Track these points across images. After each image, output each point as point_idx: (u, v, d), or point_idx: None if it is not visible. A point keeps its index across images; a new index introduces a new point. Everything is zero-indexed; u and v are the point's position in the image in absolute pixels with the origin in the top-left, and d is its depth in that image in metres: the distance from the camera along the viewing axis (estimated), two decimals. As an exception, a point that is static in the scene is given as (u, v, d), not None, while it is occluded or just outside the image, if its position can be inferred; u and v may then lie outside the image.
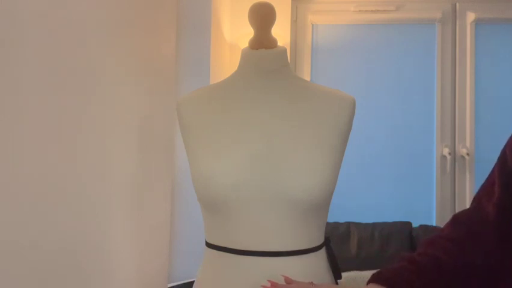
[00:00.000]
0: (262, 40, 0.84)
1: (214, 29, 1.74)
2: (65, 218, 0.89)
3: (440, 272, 0.65)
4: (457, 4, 2.29)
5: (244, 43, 0.89)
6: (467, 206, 2.11)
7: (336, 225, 2.03)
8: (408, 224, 2.03)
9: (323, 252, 0.82)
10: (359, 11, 2.29)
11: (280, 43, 0.89)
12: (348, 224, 2.03)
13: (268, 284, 0.68)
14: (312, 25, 2.34)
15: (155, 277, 1.42)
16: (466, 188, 2.21)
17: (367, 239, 1.95)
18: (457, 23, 2.29)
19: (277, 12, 0.86)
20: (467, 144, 2.24)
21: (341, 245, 1.93)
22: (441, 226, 2.51)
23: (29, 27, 0.76)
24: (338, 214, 2.10)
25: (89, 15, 0.97)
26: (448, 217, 2.20)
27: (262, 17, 0.83)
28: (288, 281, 0.69)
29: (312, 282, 0.68)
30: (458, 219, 0.72)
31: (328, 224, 2.14)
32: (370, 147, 2.27)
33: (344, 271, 1.71)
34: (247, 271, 0.75)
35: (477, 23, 2.27)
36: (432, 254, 0.66)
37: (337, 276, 0.84)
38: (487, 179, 0.71)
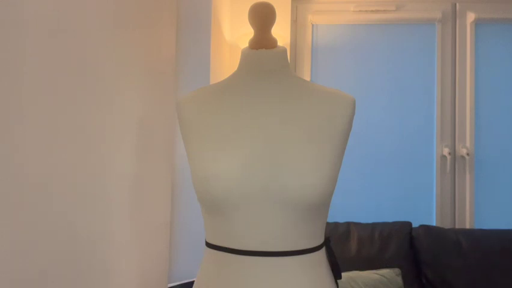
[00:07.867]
0: (262, 40, 0.84)
1: (214, 29, 1.74)
2: (65, 217, 0.89)
3: None
4: (457, 4, 2.29)
5: (244, 43, 0.89)
6: (467, 206, 2.13)
7: (336, 225, 2.02)
8: (408, 224, 2.03)
9: (323, 252, 0.82)
10: (359, 11, 2.29)
11: (280, 43, 0.89)
12: (348, 224, 2.03)
13: (268, 284, 0.68)
14: (312, 25, 2.34)
15: (155, 277, 1.42)
16: (466, 188, 2.21)
17: (367, 239, 1.95)
18: (457, 23, 2.29)
19: (277, 12, 0.86)
20: (467, 144, 2.24)
21: (341, 245, 1.93)
22: (441, 226, 2.50)
23: (29, 27, 0.76)
24: (338, 214, 2.10)
25: (89, 15, 0.97)
26: (448, 217, 2.22)
27: (262, 17, 0.83)
28: None
29: None
30: None
31: (328, 224, 2.13)
32: (370, 147, 2.27)
33: (344, 271, 1.72)
34: (247, 271, 0.75)
35: (477, 23, 2.27)
36: None
37: (337, 276, 0.84)
38: None
